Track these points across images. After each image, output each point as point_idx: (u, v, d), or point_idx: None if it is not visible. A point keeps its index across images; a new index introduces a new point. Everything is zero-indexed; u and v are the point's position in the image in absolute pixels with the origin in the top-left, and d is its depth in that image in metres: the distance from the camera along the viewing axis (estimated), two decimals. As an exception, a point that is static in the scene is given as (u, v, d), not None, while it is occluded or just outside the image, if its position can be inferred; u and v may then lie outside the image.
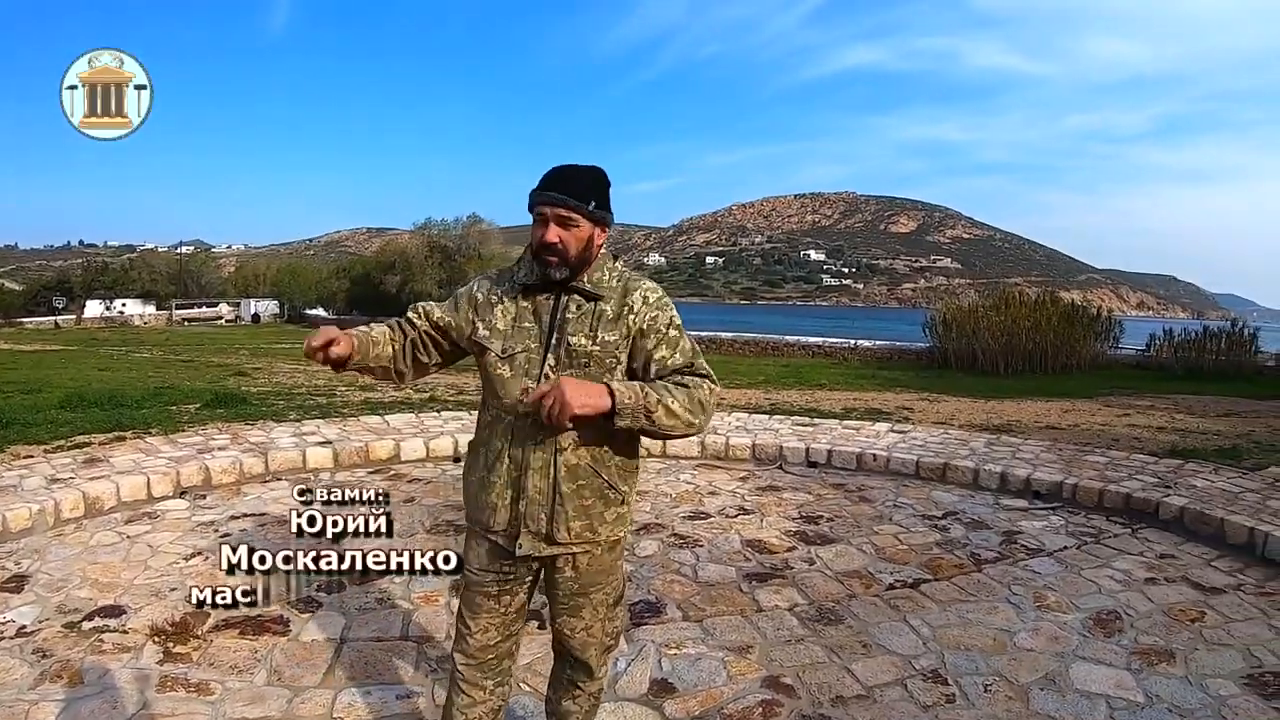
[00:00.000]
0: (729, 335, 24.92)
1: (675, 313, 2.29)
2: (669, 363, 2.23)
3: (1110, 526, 5.59)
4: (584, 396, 2.03)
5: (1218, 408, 11.85)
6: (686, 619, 4.08)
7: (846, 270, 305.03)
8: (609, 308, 2.22)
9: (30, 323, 39.33)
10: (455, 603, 4.15)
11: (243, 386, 11.14)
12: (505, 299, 2.27)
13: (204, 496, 5.80)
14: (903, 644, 3.86)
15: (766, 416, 9.20)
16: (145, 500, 5.56)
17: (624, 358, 2.23)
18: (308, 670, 3.47)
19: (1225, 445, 8.14)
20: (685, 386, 2.18)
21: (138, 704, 3.12)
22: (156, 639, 3.62)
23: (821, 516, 5.82)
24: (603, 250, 2.27)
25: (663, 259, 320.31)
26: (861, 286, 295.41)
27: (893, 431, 8.40)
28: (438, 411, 8.95)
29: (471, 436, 2.38)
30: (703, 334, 24.69)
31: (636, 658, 3.50)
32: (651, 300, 2.25)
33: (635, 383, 2.15)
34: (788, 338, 24.30)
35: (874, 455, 7.22)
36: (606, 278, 2.25)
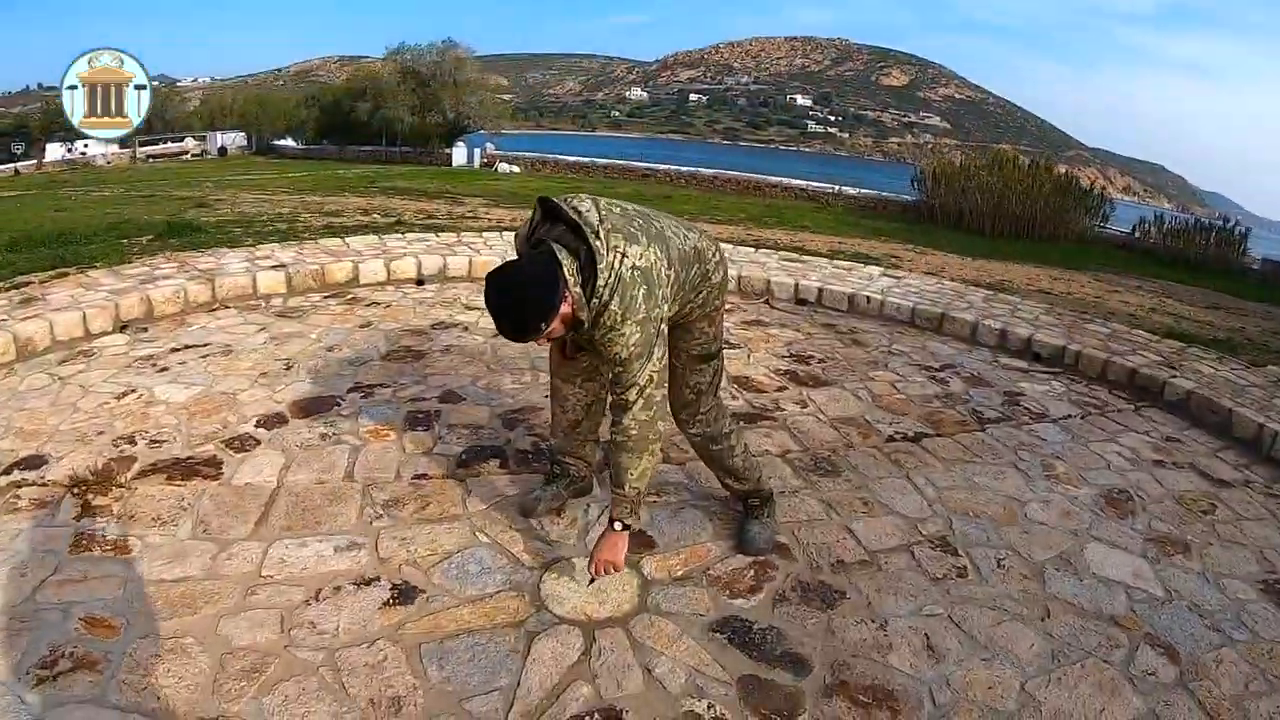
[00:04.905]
0: (710, 172, 24.04)
1: (628, 328, 2.35)
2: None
3: (1113, 400, 5.18)
4: (608, 553, 2.54)
5: (1204, 299, 11.52)
6: (667, 461, 3.60)
7: (833, 118, 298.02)
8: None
9: (-11, 172, 36.63)
10: (407, 439, 3.67)
11: (202, 217, 10.26)
12: None
13: (146, 330, 5.11)
14: (907, 504, 3.45)
15: (752, 249, 8.64)
16: (82, 338, 4.85)
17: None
18: (238, 520, 2.97)
19: (1220, 337, 7.77)
20: (622, 444, 2.48)
21: (49, 569, 2.61)
22: (75, 491, 3.08)
23: (813, 357, 5.35)
24: (578, 301, 2.32)
25: (645, 94, 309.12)
26: (847, 136, 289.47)
27: (885, 276, 7.87)
28: (402, 234, 8.19)
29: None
30: (683, 169, 23.76)
31: (610, 505, 3.02)
32: (605, 323, 2.37)
33: (616, 496, 2.55)
34: (771, 178, 23.44)
35: (867, 298, 6.72)
36: (587, 317, 2.38)
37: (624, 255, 2.30)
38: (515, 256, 2.55)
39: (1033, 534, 3.31)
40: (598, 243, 2.28)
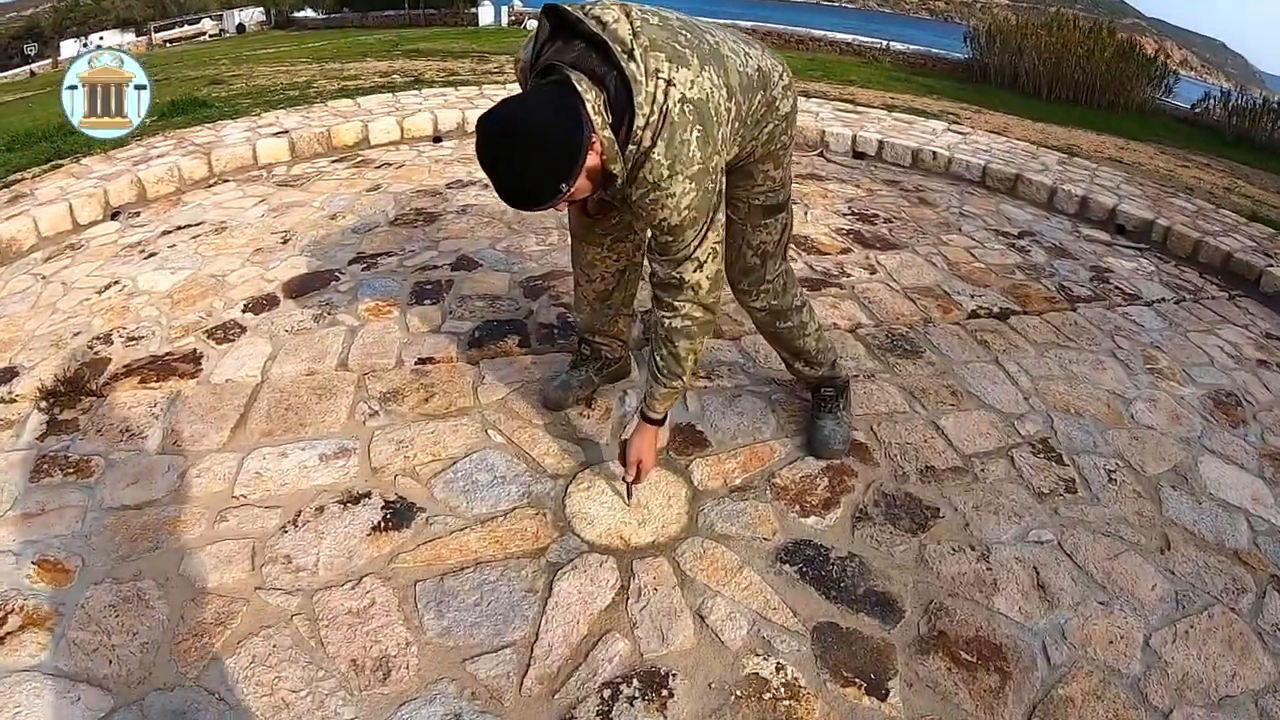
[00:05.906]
0: (748, 24, 22.71)
1: (679, 185, 1.76)
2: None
3: (1206, 285, 4.58)
4: (649, 451, 2.13)
5: (1275, 184, 10.77)
6: (719, 336, 3.12)
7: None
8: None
9: (4, 77, 35.20)
10: (412, 315, 3.14)
11: (213, 93, 9.54)
12: None
13: (138, 214, 4.62)
14: (1000, 396, 2.96)
15: (802, 99, 7.92)
16: (70, 230, 4.37)
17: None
18: (212, 425, 2.54)
19: (1299, 226, 7.09)
20: (683, 329, 1.98)
21: (6, 504, 2.21)
22: (44, 404, 2.66)
23: (877, 215, 4.78)
24: (608, 150, 1.69)
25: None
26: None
27: (950, 131, 7.16)
28: (419, 91, 7.44)
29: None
30: (720, 23, 22.54)
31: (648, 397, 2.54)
32: (647, 179, 1.77)
33: (666, 391, 2.08)
34: (814, 31, 22.11)
35: (934, 153, 6.07)
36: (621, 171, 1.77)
37: (670, 83, 1.67)
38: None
39: (1143, 440, 2.83)
40: (633, 66, 1.63)
